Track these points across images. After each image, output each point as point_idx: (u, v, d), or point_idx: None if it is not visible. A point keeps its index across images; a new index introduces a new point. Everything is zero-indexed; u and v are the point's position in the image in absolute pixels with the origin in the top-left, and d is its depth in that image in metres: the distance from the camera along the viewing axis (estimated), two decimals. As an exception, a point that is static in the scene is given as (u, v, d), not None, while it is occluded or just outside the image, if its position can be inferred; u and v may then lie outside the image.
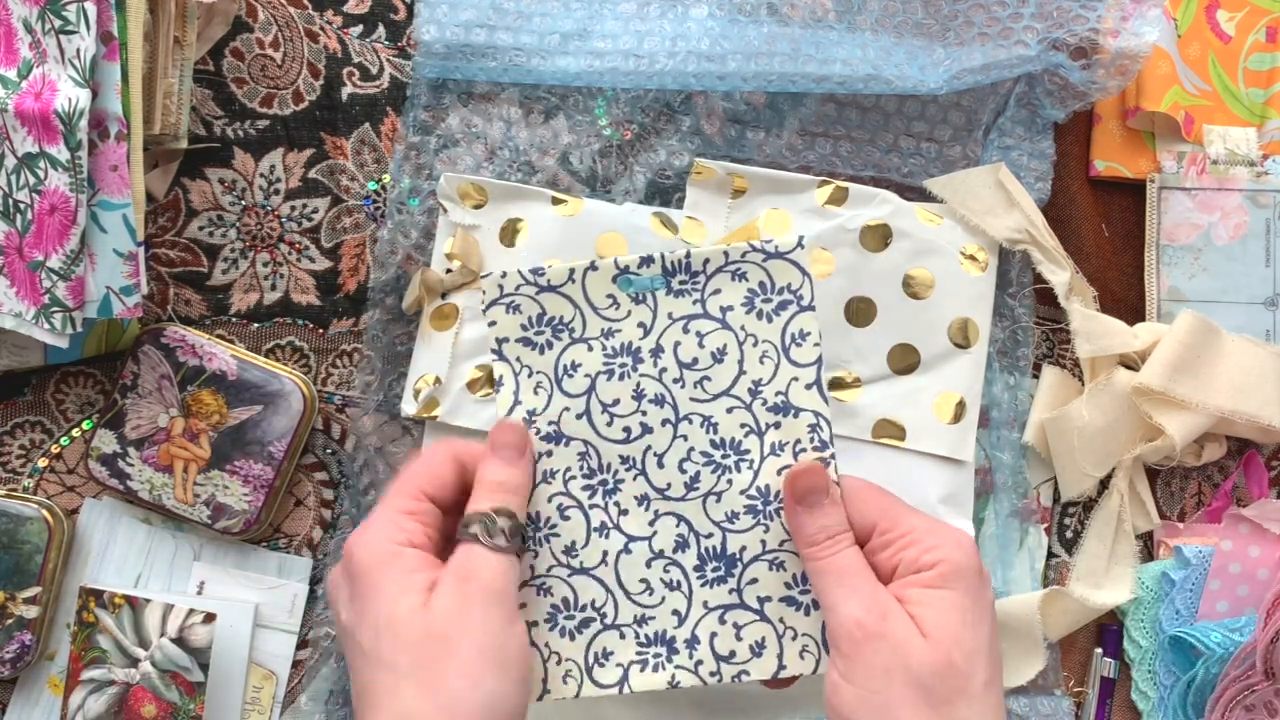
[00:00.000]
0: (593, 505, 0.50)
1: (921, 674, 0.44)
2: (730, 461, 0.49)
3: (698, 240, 0.66)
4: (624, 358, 0.50)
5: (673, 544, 0.49)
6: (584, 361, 0.50)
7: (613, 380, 0.50)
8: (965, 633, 0.45)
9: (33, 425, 0.67)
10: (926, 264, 0.65)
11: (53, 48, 0.58)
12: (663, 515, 0.49)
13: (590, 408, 0.50)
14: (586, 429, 0.50)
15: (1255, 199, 0.67)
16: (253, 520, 0.65)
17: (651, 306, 0.50)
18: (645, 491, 0.49)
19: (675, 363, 0.49)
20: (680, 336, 0.49)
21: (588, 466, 0.50)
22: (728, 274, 0.49)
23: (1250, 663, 0.63)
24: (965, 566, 0.46)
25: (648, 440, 0.49)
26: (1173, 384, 0.64)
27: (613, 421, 0.50)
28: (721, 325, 0.49)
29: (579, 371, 0.50)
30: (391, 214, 0.67)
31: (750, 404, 0.49)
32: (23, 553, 0.64)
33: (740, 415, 0.49)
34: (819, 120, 0.67)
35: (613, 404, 0.50)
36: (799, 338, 0.49)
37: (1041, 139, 0.67)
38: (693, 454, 0.49)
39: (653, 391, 0.49)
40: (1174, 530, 0.67)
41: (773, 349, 0.49)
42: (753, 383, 0.49)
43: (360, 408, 0.67)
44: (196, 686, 0.63)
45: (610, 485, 0.50)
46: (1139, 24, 0.63)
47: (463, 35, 0.65)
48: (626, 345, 0.50)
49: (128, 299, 0.60)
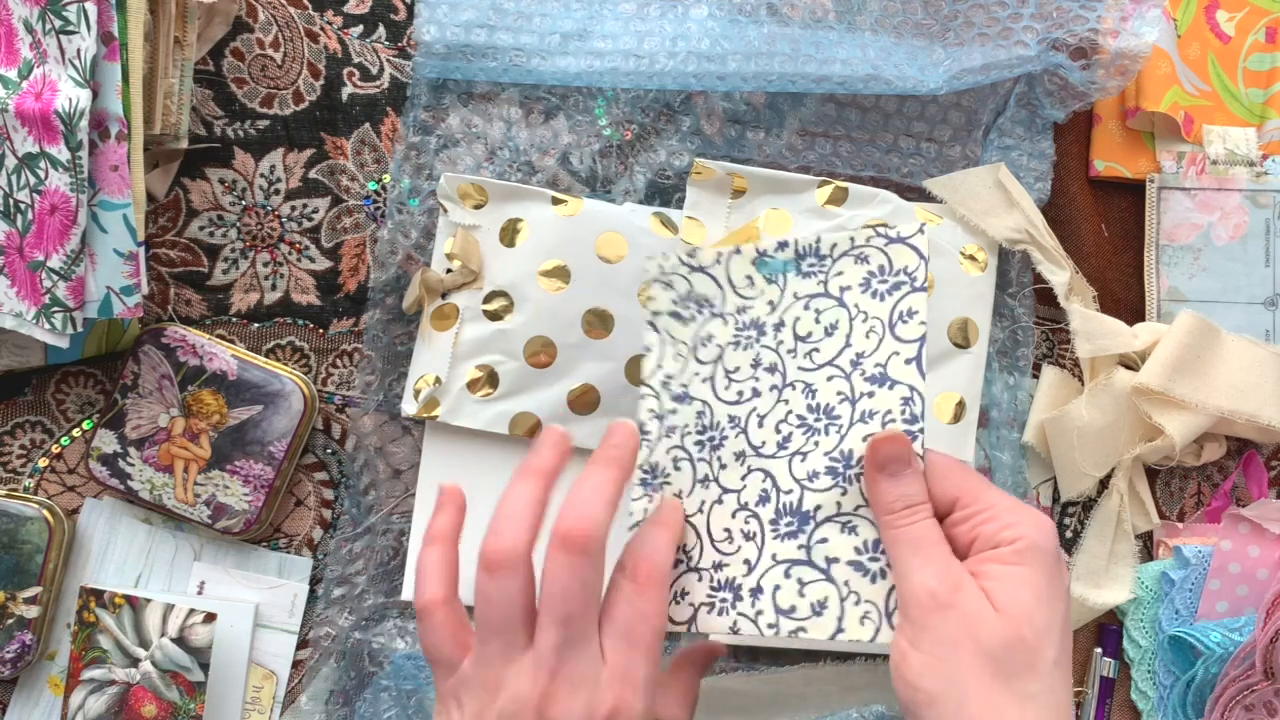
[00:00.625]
0: (700, 459, 0.54)
1: (991, 646, 0.44)
2: (821, 425, 0.51)
3: (698, 240, 0.66)
4: (751, 330, 0.54)
5: (756, 497, 0.51)
6: (718, 333, 0.55)
7: (738, 350, 0.54)
8: (1038, 609, 0.45)
9: (33, 425, 0.67)
10: (926, 264, 0.65)
11: (53, 48, 0.58)
12: (754, 470, 0.52)
13: (715, 374, 0.54)
14: (708, 391, 0.54)
15: (1255, 199, 0.67)
16: (253, 520, 0.65)
17: (781, 286, 0.54)
18: (743, 448, 0.53)
19: (792, 335, 0.53)
20: (800, 313, 0.53)
21: (701, 424, 0.54)
22: (851, 257, 0.52)
23: (1250, 663, 0.63)
24: (1043, 546, 0.46)
25: (754, 403, 0.53)
26: (1172, 384, 0.64)
27: (729, 385, 0.54)
28: (839, 303, 0.52)
29: (712, 342, 0.55)
30: (391, 214, 0.67)
31: (850, 374, 0.51)
32: (23, 553, 0.64)
33: (839, 384, 0.51)
34: (819, 120, 0.68)
35: (734, 370, 0.54)
36: (906, 315, 0.51)
37: (1041, 139, 0.67)
38: (790, 416, 0.52)
39: (768, 361, 0.53)
40: (1173, 530, 0.67)
41: (880, 324, 0.51)
42: (856, 354, 0.51)
43: (360, 408, 0.67)
44: (197, 686, 0.63)
45: (716, 441, 0.54)
46: (1139, 24, 0.64)
47: (463, 35, 0.65)
48: (755, 320, 0.54)
49: (128, 299, 0.60)
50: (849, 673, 0.65)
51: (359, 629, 0.66)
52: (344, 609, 0.66)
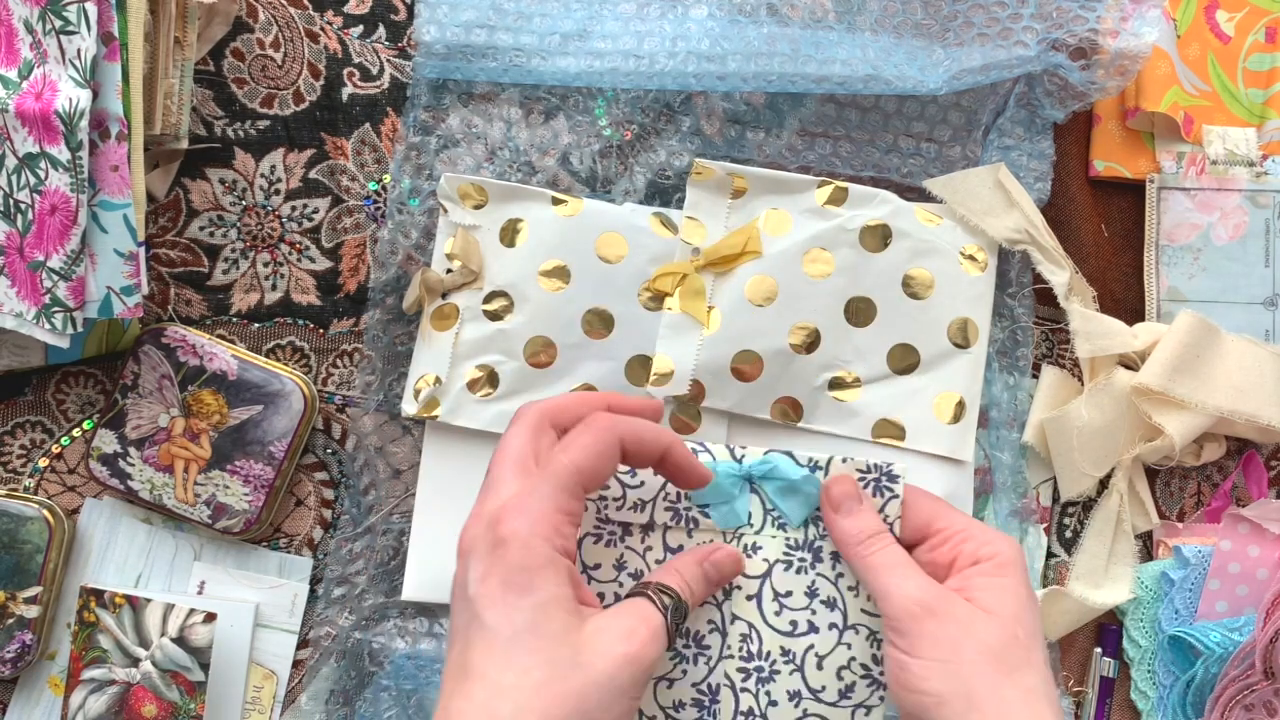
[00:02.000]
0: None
1: (991, 644, 0.46)
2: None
3: (698, 240, 0.66)
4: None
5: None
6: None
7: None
8: (1025, 613, 0.48)
9: (33, 425, 0.67)
10: (926, 264, 0.65)
11: (53, 48, 0.58)
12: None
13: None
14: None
15: (1255, 199, 0.67)
16: (253, 520, 0.65)
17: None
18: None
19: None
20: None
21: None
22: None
23: (1249, 662, 0.63)
24: (1019, 562, 0.49)
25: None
26: (1172, 384, 0.64)
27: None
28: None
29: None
30: (392, 214, 0.67)
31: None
32: (23, 552, 0.64)
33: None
34: (819, 120, 0.68)
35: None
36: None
37: (1041, 139, 0.67)
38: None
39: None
40: (1173, 530, 0.68)
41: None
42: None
43: (360, 408, 0.67)
44: (197, 686, 0.63)
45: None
46: (1138, 24, 0.64)
47: (463, 36, 0.65)
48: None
49: (128, 299, 0.60)
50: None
51: (359, 629, 0.66)
52: (344, 609, 0.66)
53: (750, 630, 0.49)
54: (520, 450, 0.47)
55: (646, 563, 0.51)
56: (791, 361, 0.65)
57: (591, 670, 0.43)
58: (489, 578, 0.44)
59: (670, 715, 0.49)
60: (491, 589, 0.44)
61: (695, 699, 0.49)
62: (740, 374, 0.65)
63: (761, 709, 0.49)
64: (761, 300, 0.65)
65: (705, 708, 0.49)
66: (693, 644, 0.49)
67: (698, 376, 0.65)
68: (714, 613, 0.49)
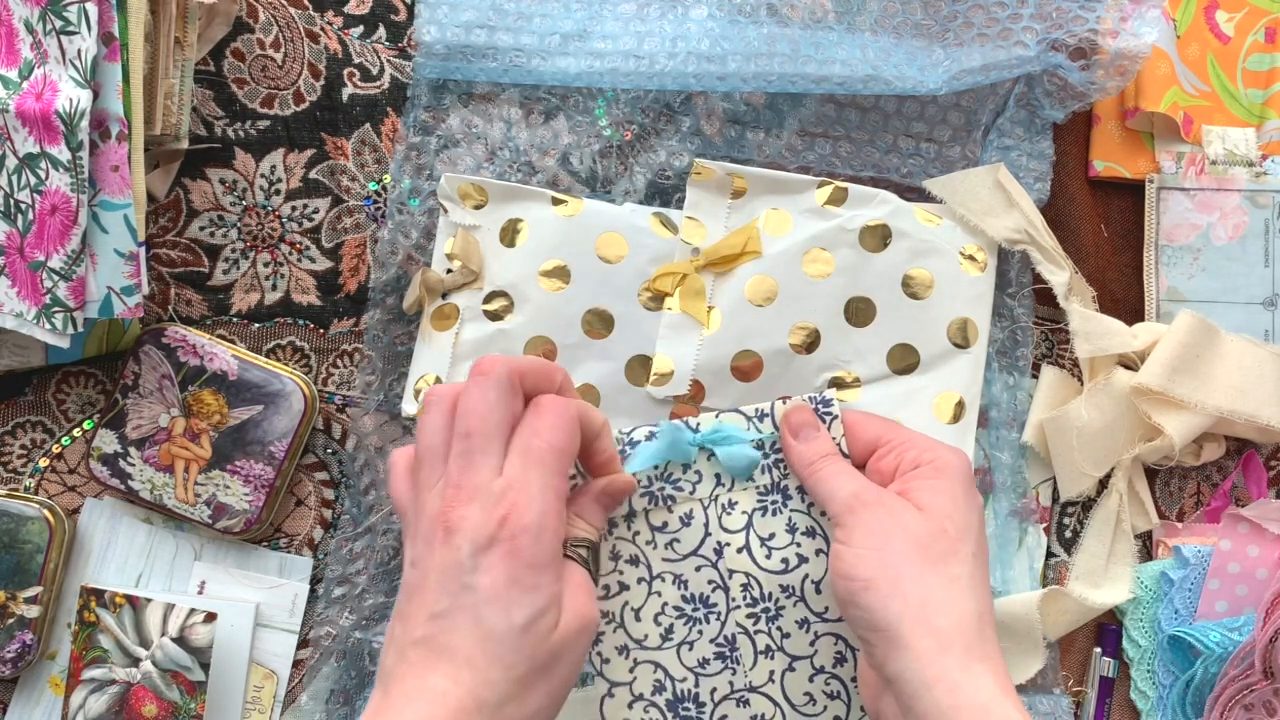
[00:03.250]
0: None
1: (918, 535, 0.49)
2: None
3: (698, 240, 0.66)
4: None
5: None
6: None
7: None
8: (956, 510, 0.50)
9: (34, 425, 0.67)
10: (926, 264, 0.65)
11: (54, 48, 0.58)
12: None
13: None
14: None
15: (1254, 199, 0.67)
16: (253, 520, 0.65)
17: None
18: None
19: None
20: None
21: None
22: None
23: (1249, 662, 0.63)
24: (957, 467, 0.52)
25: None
26: (1172, 384, 0.64)
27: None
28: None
29: None
30: (392, 214, 0.67)
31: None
32: (24, 552, 0.64)
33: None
34: (819, 120, 0.68)
35: None
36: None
37: (1040, 139, 0.67)
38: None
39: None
40: (1173, 530, 0.68)
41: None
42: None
43: (361, 408, 0.67)
44: (197, 686, 0.63)
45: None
46: (1138, 24, 0.64)
47: (463, 36, 0.65)
48: None
49: (129, 299, 0.60)
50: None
51: (359, 628, 0.66)
52: (344, 608, 0.66)
53: (749, 579, 0.52)
54: (500, 414, 0.47)
55: (638, 545, 0.53)
56: (791, 361, 0.65)
57: (563, 664, 0.46)
58: (494, 569, 0.45)
59: (699, 673, 0.52)
60: (497, 582, 0.45)
61: (716, 652, 0.52)
62: (740, 374, 0.65)
63: (778, 643, 0.53)
64: (761, 300, 0.65)
65: (727, 657, 0.52)
66: (700, 605, 0.52)
67: (698, 376, 0.65)
68: (711, 573, 0.52)
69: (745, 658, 0.52)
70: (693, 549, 0.51)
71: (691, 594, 0.51)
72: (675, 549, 0.51)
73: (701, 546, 0.51)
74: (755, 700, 0.53)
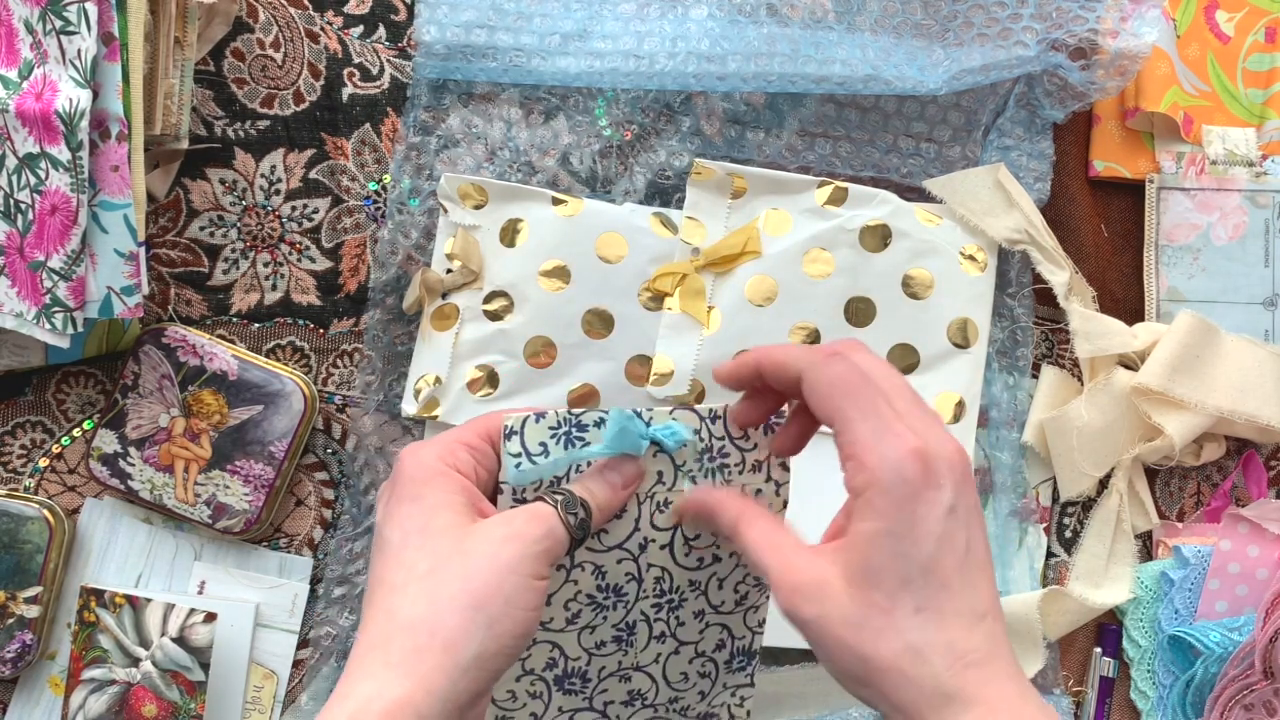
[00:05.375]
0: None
1: (848, 618, 0.42)
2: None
3: (698, 240, 0.66)
4: None
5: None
6: None
7: None
8: (892, 566, 0.42)
9: (34, 425, 0.67)
10: (926, 264, 0.65)
11: (54, 48, 0.58)
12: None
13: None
14: None
15: (1254, 199, 0.67)
16: (253, 520, 0.65)
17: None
18: None
19: None
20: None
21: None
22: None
23: (1249, 662, 0.63)
24: (887, 483, 0.42)
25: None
26: (1172, 384, 0.64)
27: None
28: None
29: None
30: (392, 214, 0.67)
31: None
32: (24, 552, 0.64)
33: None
34: (819, 120, 0.68)
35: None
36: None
37: (1041, 139, 0.67)
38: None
39: None
40: (1173, 530, 0.68)
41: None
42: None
43: (361, 408, 0.67)
44: (197, 686, 0.63)
45: None
46: (1138, 24, 0.64)
47: (463, 36, 0.65)
48: None
49: (128, 299, 0.60)
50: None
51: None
52: (344, 608, 0.66)
53: (664, 572, 0.52)
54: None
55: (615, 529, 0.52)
56: (791, 361, 0.65)
57: (473, 554, 0.43)
58: (385, 498, 0.46)
59: (593, 654, 0.52)
60: (389, 507, 0.46)
61: (615, 636, 0.52)
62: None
63: (671, 630, 0.53)
64: (761, 300, 0.65)
65: (624, 640, 0.52)
66: (612, 594, 0.51)
67: (698, 376, 0.65)
68: (631, 566, 0.51)
69: (640, 641, 0.53)
70: (619, 542, 0.51)
71: (606, 584, 0.51)
72: (602, 540, 0.50)
73: (628, 540, 0.51)
74: (636, 677, 0.54)
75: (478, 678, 0.42)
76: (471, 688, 0.42)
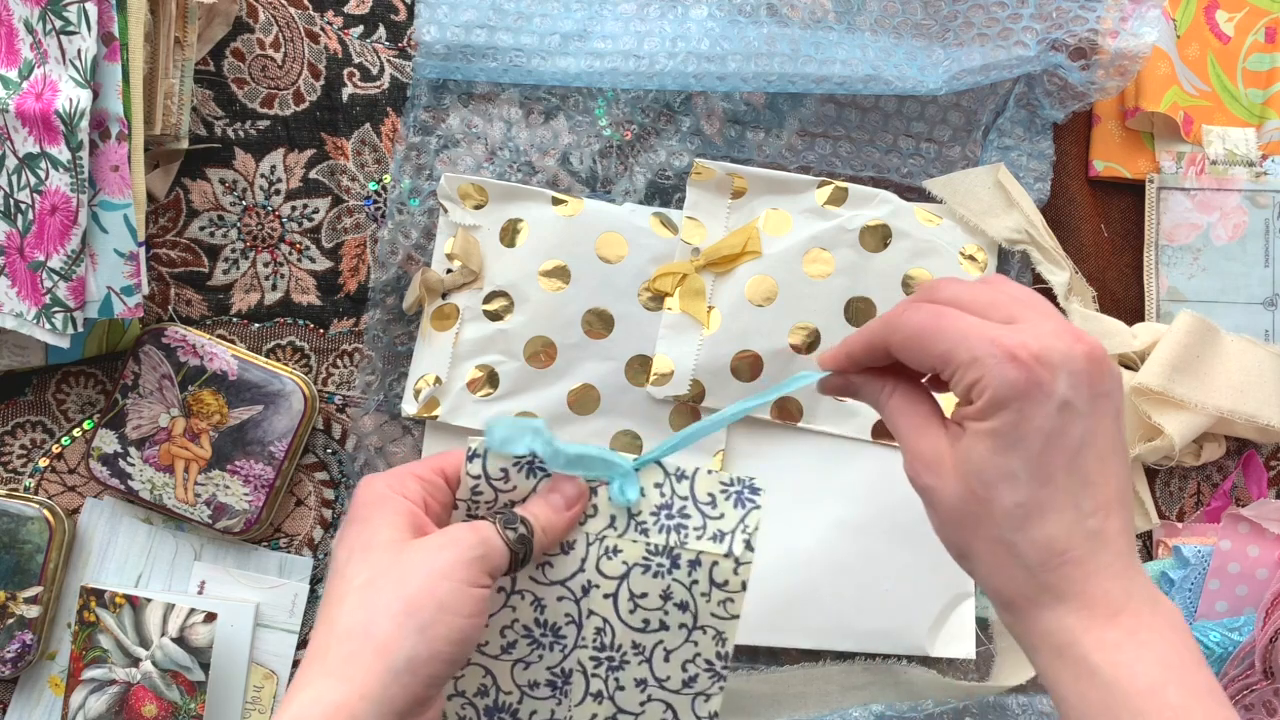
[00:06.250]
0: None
1: (954, 500, 0.44)
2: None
3: (698, 240, 0.66)
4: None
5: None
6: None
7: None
8: (993, 460, 0.42)
9: (34, 425, 0.67)
10: (926, 264, 0.65)
11: (54, 48, 0.58)
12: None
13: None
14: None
15: (1254, 199, 0.67)
16: (253, 520, 0.65)
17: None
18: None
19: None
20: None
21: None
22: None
23: (1249, 662, 0.63)
24: (993, 389, 0.42)
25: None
26: (1172, 384, 0.64)
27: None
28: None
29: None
30: (392, 214, 0.67)
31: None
32: (24, 552, 0.64)
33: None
34: (819, 120, 0.68)
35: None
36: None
37: (1041, 139, 0.67)
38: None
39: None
40: (1173, 530, 0.68)
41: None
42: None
43: (361, 408, 0.67)
44: (197, 686, 0.63)
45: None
46: (1138, 24, 0.64)
47: (463, 36, 0.65)
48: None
49: (129, 299, 0.60)
50: (849, 672, 0.66)
51: (359, 629, 0.66)
52: (344, 609, 0.66)
53: (605, 625, 0.51)
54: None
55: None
56: (791, 361, 0.65)
57: (408, 563, 0.45)
58: (340, 529, 0.49)
59: (526, 693, 0.52)
60: (341, 530, 0.48)
61: (549, 680, 0.52)
62: (740, 374, 0.65)
63: (610, 692, 0.52)
64: (761, 300, 0.65)
65: (558, 688, 0.52)
66: (549, 634, 0.51)
67: (698, 376, 0.65)
68: (571, 608, 0.51)
69: (575, 694, 0.52)
70: (561, 579, 0.50)
71: (544, 620, 0.51)
72: (545, 573, 0.50)
73: (571, 579, 0.50)
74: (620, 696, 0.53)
75: (410, 683, 0.43)
76: (406, 694, 0.43)
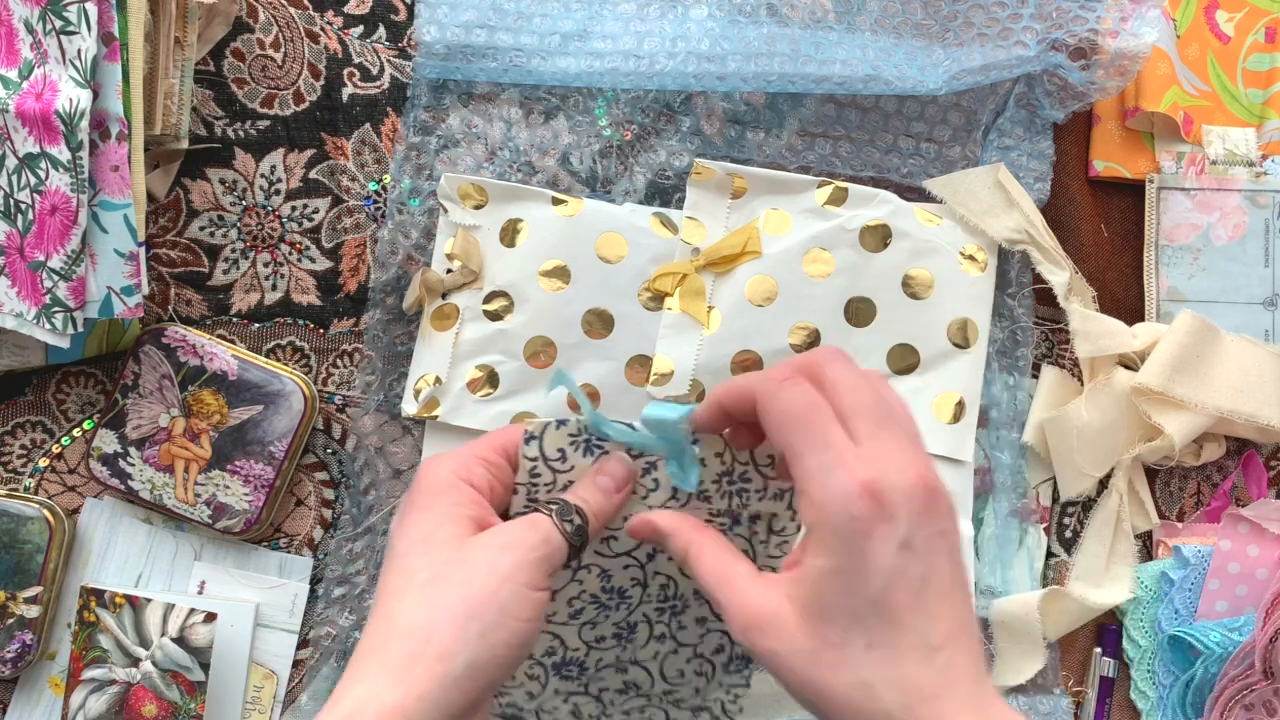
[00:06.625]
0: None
1: (802, 652, 0.42)
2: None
3: (698, 240, 0.66)
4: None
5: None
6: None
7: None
8: (840, 603, 0.41)
9: (34, 425, 0.67)
10: (926, 264, 0.65)
11: (54, 48, 0.58)
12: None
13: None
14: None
15: (1254, 199, 0.67)
16: (253, 520, 0.65)
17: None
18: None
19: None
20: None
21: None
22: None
23: (1249, 662, 0.63)
24: (834, 521, 0.41)
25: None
26: (1172, 384, 0.64)
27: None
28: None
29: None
30: (392, 214, 0.67)
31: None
32: (24, 552, 0.64)
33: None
34: (819, 120, 0.68)
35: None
36: None
37: (1041, 139, 0.67)
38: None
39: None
40: (1173, 530, 0.68)
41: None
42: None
43: (361, 408, 0.67)
44: (197, 686, 0.63)
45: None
46: (1138, 24, 0.64)
47: (463, 36, 0.65)
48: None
49: (129, 299, 0.60)
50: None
51: (359, 628, 0.66)
52: (344, 608, 0.66)
53: (669, 580, 0.52)
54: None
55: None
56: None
57: (471, 562, 0.44)
58: (400, 512, 0.47)
59: (593, 647, 0.53)
60: (401, 516, 0.47)
61: (615, 633, 0.53)
62: (741, 374, 0.65)
63: (672, 632, 0.53)
64: (761, 300, 0.65)
65: (624, 637, 0.53)
66: (615, 596, 0.52)
67: (698, 376, 0.65)
68: (637, 572, 0.52)
69: (640, 639, 0.53)
70: (627, 549, 0.51)
71: (612, 586, 0.52)
72: (610, 545, 0.51)
73: (636, 549, 0.51)
74: (633, 670, 0.54)
75: (470, 688, 0.43)
76: (464, 698, 0.43)
